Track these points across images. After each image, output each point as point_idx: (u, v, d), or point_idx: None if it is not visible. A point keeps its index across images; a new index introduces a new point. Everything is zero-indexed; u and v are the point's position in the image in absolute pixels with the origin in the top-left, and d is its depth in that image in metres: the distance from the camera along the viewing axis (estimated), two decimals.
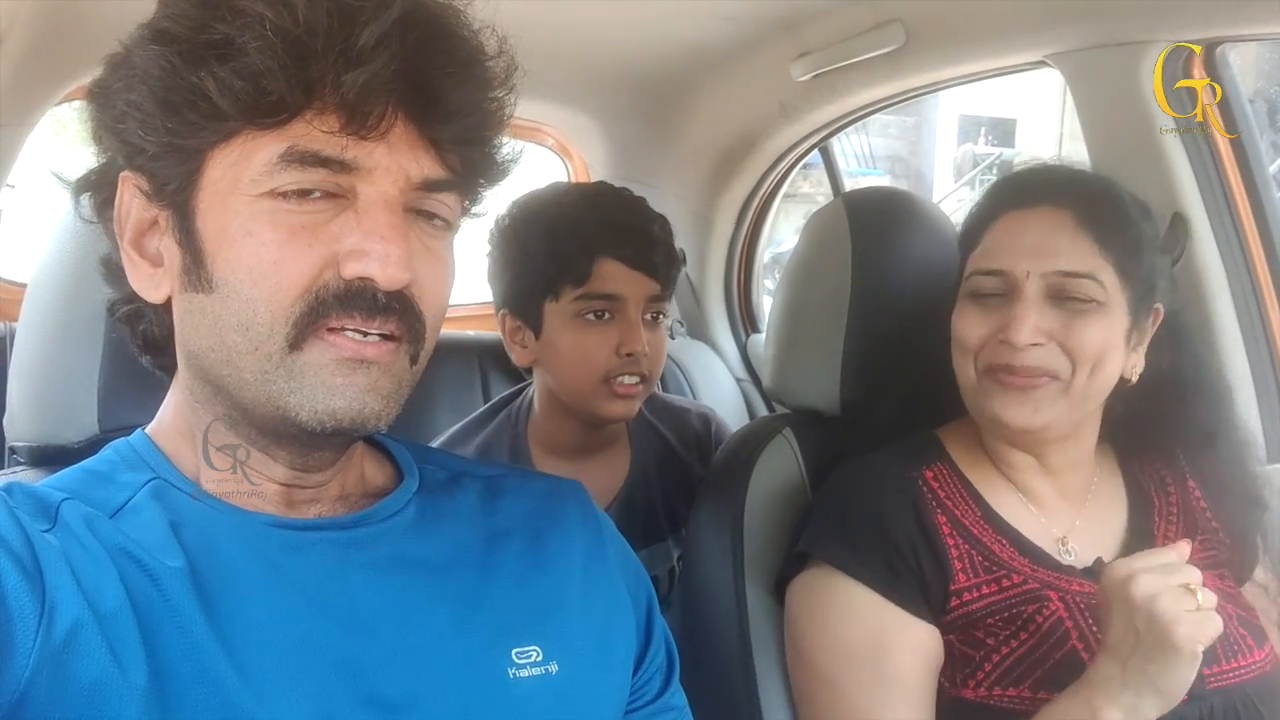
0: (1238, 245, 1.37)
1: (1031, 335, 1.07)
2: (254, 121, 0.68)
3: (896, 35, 1.61)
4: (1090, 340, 1.07)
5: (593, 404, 1.41)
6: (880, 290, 1.31)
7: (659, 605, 0.93)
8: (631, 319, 1.39)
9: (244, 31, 0.66)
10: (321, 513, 0.79)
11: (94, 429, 0.93)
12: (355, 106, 0.68)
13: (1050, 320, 1.08)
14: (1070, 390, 1.08)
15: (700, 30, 1.87)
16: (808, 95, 1.95)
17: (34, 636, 0.61)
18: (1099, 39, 1.36)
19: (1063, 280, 1.08)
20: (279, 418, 0.71)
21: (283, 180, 0.69)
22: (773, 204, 2.46)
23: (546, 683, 0.77)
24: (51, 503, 0.70)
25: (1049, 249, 1.08)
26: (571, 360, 1.41)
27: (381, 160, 0.70)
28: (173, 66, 0.67)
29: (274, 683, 0.68)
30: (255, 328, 0.70)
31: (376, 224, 0.70)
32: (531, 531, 0.85)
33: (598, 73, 2.15)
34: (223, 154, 0.70)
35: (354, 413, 0.71)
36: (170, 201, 0.72)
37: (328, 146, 0.69)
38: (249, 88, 0.66)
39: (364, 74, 0.67)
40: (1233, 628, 1.07)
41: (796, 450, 1.31)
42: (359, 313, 0.70)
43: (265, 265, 0.69)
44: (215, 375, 0.73)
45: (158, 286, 0.75)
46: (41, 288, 0.95)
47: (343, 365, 0.70)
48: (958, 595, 1.08)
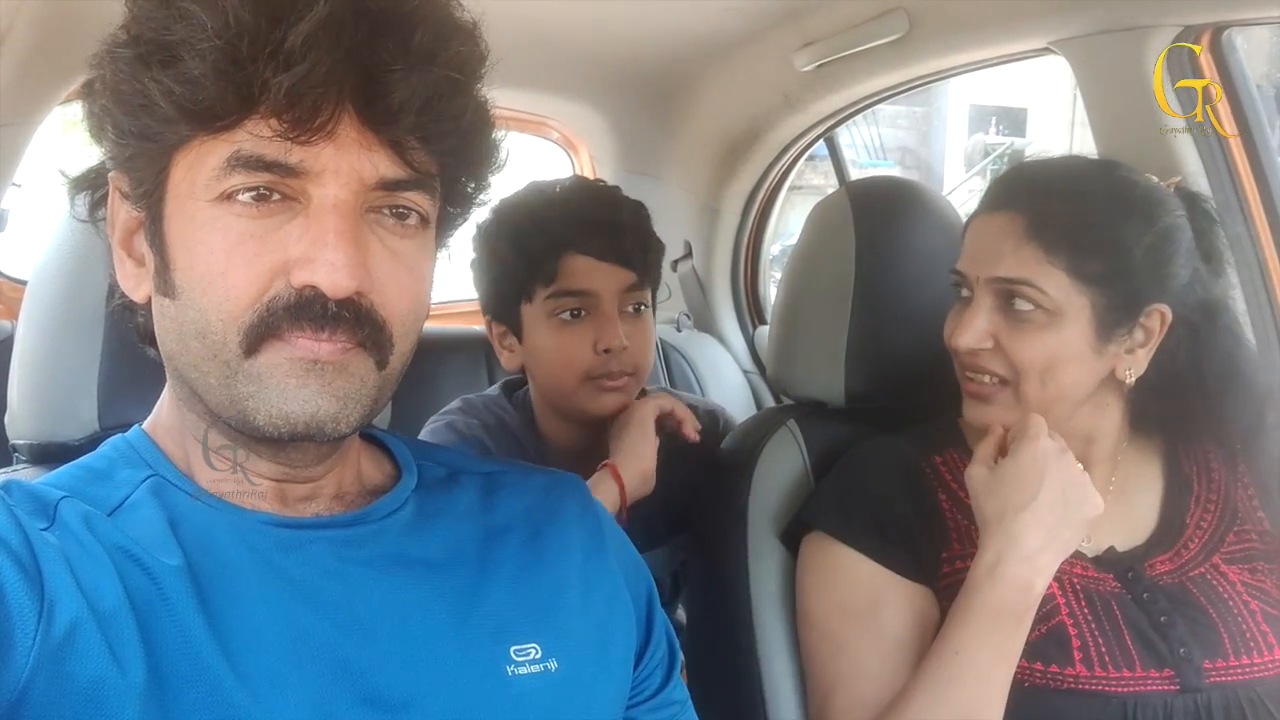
0: (1247, 233, 1.36)
1: (975, 339, 1.10)
2: (202, 126, 0.67)
3: (900, 23, 1.60)
4: (1030, 349, 1.08)
5: (580, 402, 1.37)
6: (884, 280, 1.31)
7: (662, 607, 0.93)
8: (607, 313, 1.35)
9: (183, 35, 0.65)
10: (319, 511, 0.78)
11: (94, 426, 0.93)
12: (291, 108, 0.65)
13: (996, 325, 1.09)
14: (1021, 397, 1.09)
15: (704, 21, 1.86)
16: (812, 85, 1.95)
17: (33, 635, 0.61)
18: (1104, 24, 1.35)
19: (1005, 286, 1.08)
20: (241, 421, 0.71)
21: (229, 185, 0.68)
22: (779, 195, 2.45)
23: (546, 680, 0.77)
24: (50, 501, 0.70)
25: (994, 254, 1.09)
26: (551, 361, 1.37)
27: (330, 162, 0.68)
28: (130, 70, 0.67)
29: (271, 682, 0.68)
30: (210, 336, 0.69)
31: (323, 229, 0.67)
32: (530, 528, 0.85)
33: (602, 66, 2.14)
34: (183, 157, 0.69)
35: (308, 416, 0.69)
36: (143, 203, 0.72)
37: (270, 150, 0.67)
38: (187, 93, 0.65)
39: (291, 76, 0.64)
40: (1251, 624, 1.05)
41: (801, 442, 1.30)
42: (309, 324, 0.68)
43: (213, 275, 0.68)
44: (187, 378, 0.73)
45: (139, 286, 0.76)
46: (42, 285, 0.95)
47: (297, 366, 0.69)
48: (949, 562, 1.11)
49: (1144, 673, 1.02)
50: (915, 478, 1.16)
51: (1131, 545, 1.12)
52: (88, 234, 0.87)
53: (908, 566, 1.11)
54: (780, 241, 2.77)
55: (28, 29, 1.49)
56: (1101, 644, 1.03)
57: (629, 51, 2.06)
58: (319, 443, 0.73)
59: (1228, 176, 1.34)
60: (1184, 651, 1.02)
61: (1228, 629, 1.04)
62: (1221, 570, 1.09)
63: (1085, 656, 1.02)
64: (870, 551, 1.12)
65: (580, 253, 1.34)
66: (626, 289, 1.36)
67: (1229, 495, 1.15)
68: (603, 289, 1.35)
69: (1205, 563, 1.10)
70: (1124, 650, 1.03)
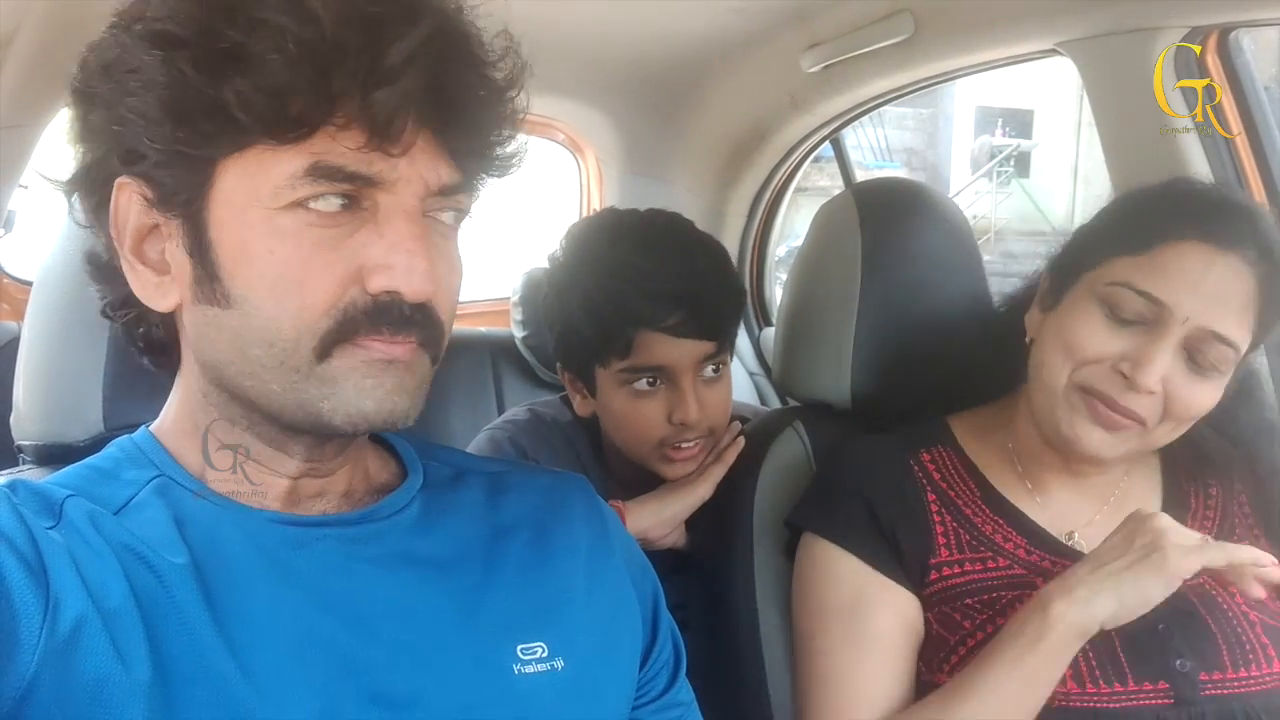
0: None
1: (1156, 383, 1.00)
2: (272, 134, 0.66)
3: (906, 25, 1.60)
4: (1200, 404, 1.02)
5: (651, 465, 1.35)
6: (891, 282, 1.30)
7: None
8: (683, 388, 1.29)
9: (262, 42, 0.64)
10: (326, 509, 0.78)
11: (99, 427, 0.93)
12: (382, 123, 0.66)
13: (1173, 369, 1.00)
14: (1150, 438, 1.05)
15: (710, 22, 1.86)
16: (818, 86, 1.95)
17: (38, 633, 0.61)
18: (1110, 25, 1.35)
19: (1211, 339, 1.00)
20: (311, 422, 0.71)
21: (305, 194, 0.68)
22: (784, 197, 2.45)
23: (552, 679, 0.77)
24: (56, 499, 0.70)
25: (1219, 306, 0.99)
26: (624, 426, 1.34)
27: (404, 171, 0.69)
28: (183, 75, 0.65)
29: (277, 679, 0.68)
30: (280, 344, 0.69)
31: (400, 236, 0.69)
32: (536, 527, 0.85)
33: (608, 67, 2.15)
34: (236, 164, 0.68)
35: (385, 413, 0.71)
36: (180, 211, 0.70)
37: (353, 162, 0.67)
38: (271, 102, 0.65)
39: (394, 93, 0.66)
40: (1250, 635, 1.03)
41: (807, 443, 1.30)
42: (386, 328, 0.70)
43: (288, 283, 0.68)
44: (235, 385, 0.72)
45: (164, 295, 0.73)
46: (46, 286, 0.96)
47: (373, 367, 0.70)
48: (937, 569, 1.09)
49: (1136, 686, 1.00)
50: (903, 475, 1.14)
51: None
52: (92, 236, 0.87)
53: (892, 565, 1.09)
54: (786, 243, 2.77)
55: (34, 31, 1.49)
56: (1093, 658, 1.01)
57: (635, 53, 2.06)
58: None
59: (1234, 178, 1.34)
60: (1180, 663, 1.00)
61: (1227, 641, 1.02)
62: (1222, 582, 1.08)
63: (1076, 673, 1.00)
64: (852, 546, 1.10)
65: (655, 330, 1.27)
66: (704, 358, 1.31)
67: (1226, 510, 1.14)
68: (679, 363, 1.29)
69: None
70: (1115, 663, 1.01)
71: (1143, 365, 0.99)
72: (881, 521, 1.11)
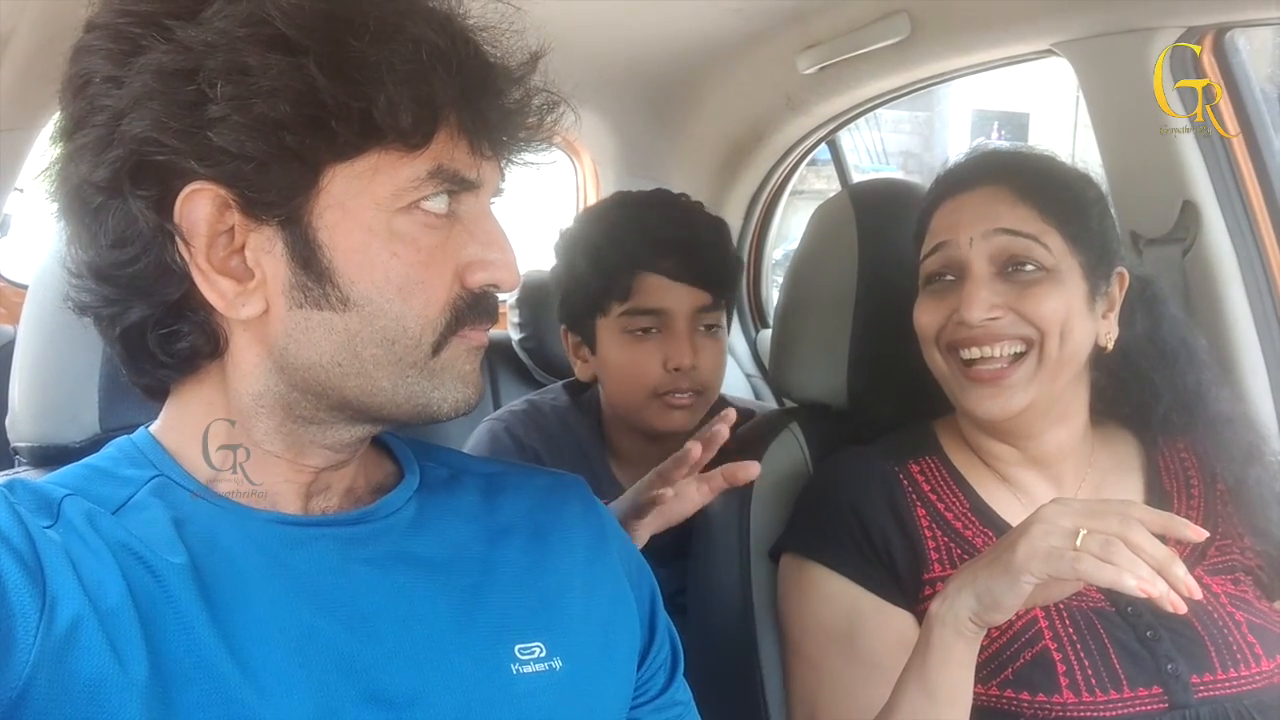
0: (1250, 235, 1.35)
1: (985, 310, 1.06)
2: (407, 141, 0.69)
3: (902, 26, 1.61)
4: (1048, 307, 1.06)
5: (645, 417, 1.40)
6: (887, 282, 1.30)
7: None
8: (679, 332, 1.37)
9: (394, 51, 0.66)
10: (328, 507, 0.79)
11: (95, 428, 0.93)
12: (491, 130, 0.73)
13: (1003, 294, 1.07)
14: (1044, 361, 1.07)
15: (706, 23, 1.87)
16: (814, 88, 1.95)
17: (34, 632, 0.61)
18: (1106, 26, 1.35)
19: (1008, 242, 1.07)
20: (417, 413, 0.75)
21: (422, 197, 0.71)
22: (781, 199, 2.45)
23: (550, 679, 0.77)
24: (53, 499, 0.70)
25: (990, 215, 1.09)
26: (621, 375, 1.41)
27: (488, 175, 0.75)
28: (313, 81, 0.65)
29: (276, 679, 0.68)
30: (402, 341, 0.72)
31: (492, 235, 0.75)
32: (533, 528, 0.85)
33: (604, 68, 2.14)
34: (346, 168, 0.69)
35: (475, 396, 0.78)
36: (279, 216, 0.69)
37: (465, 167, 0.73)
38: (422, 111, 0.68)
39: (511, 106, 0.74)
40: (1237, 635, 1.03)
41: (803, 444, 1.30)
42: (485, 319, 0.76)
43: (413, 283, 0.72)
44: (332, 385, 0.73)
45: (246, 303, 0.71)
46: (42, 288, 0.95)
47: (471, 354, 0.77)
48: (931, 585, 1.08)
49: (1132, 693, 1.00)
50: (892, 490, 1.13)
51: None
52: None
53: (887, 587, 1.09)
54: (782, 246, 2.78)
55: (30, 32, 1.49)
56: (1088, 666, 1.01)
57: (631, 54, 2.06)
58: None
59: (1231, 178, 1.34)
60: (1171, 667, 1.00)
61: (1214, 642, 1.02)
62: (1205, 583, 1.06)
63: (1072, 682, 1.00)
64: (847, 571, 1.10)
65: (655, 271, 1.36)
66: (700, 309, 1.39)
67: (1209, 508, 1.14)
68: (676, 308, 1.37)
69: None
70: (1110, 671, 1.00)
71: (964, 303, 1.07)
72: (876, 542, 1.10)
